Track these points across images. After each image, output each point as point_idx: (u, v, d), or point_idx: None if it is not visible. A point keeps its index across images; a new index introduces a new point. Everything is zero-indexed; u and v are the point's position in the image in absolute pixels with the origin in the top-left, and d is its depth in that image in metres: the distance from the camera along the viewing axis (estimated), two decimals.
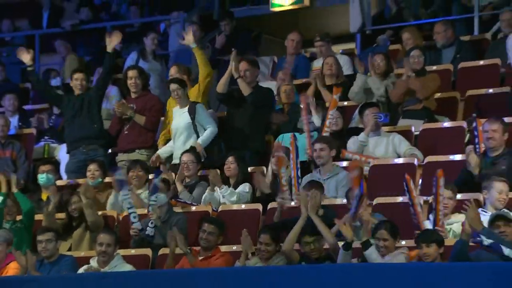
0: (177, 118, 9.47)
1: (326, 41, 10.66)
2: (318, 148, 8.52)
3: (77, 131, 9.72)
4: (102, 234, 8.01)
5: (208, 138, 9.30)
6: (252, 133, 9.30)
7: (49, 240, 8.07)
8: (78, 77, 9.85)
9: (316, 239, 7.37)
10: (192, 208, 8.72)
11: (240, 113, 9.39)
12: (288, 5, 12.46)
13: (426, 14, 11.40)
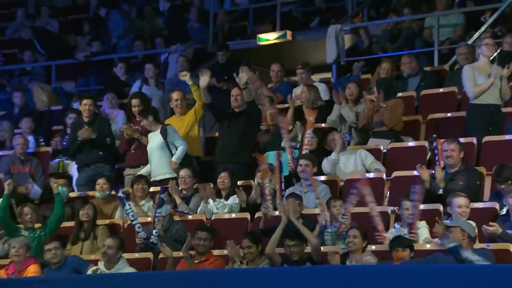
0: (151, 140, 9.52)
1: (306, 69, 10.70)
2: (304, 164, 8.53)
3: (86, 156, 9.75)
4: (108, 239, 7.99)
5: (181, 155, 9.32)
6: (240, 149, 9.30)
7: (57, 247, 8.02)
8: (87, 103, 9.88)
9: (296, 243, 7.38)
10: (189, 217, 8.73)
11: (231, 130, 9.39)
12: (273, 39, 12.49)
13: (393, 48, 11.46)
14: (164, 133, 9.37)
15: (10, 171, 10.12)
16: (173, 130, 9.45)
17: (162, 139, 9.36)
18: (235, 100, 9.41)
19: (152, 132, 9.51)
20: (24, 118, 11.00)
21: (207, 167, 9.56)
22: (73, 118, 10.65)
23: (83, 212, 8.71)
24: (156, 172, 9.37)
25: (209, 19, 13.25)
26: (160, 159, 9.36)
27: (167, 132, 9.37)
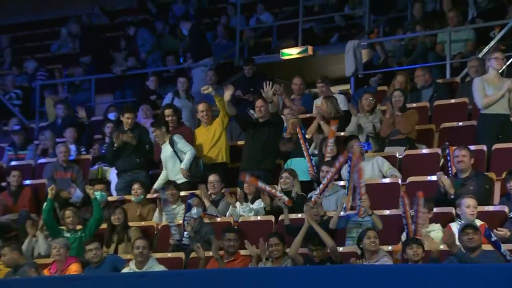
0: (164, 150, 9.57)
1: (326, 83, 10.66)
2: (325, 170, 8.48)
3: (125, 163, 9.76)
4: (139, 240, 7.97)
5: (189, 161, 9.35)
6: (264, 156, 9.25)
7: (97, 248, 8.03)
8: (129, 116, 9.92)
9: (319, 248, 7.39)
10: (218, 220, 8.72)
11: (255, 139, 9.36)
12: (295, 54, 12.45)
13: (407, 61, 11.40)
14: (171, 143, 9.42)
15: (53, 177, 10.17)
16: (179, 138, 9.48)
17: (171, 148, 9.41)
18: (259, 111, 9.38)
19: (165, 143, 9.55)
20: (68, 128, 11.05)
21: (234, 173, 9.54)
22: (111, 127, 10.71)
23: (114, 217, 8.72)
24: (174, 177, 9.42)
25: (236, 35, 13.25)
26: (174, 167, 9.43)
27: (174, 141, 9.41)
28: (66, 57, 15.37)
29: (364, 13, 12.73)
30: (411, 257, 6.91)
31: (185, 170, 9.30)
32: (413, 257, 6.89)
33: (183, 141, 9.46)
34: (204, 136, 9.71)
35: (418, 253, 6.87)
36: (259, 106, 9.37)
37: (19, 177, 10.03)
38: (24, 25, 17.61)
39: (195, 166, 9.38)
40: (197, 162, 9.44)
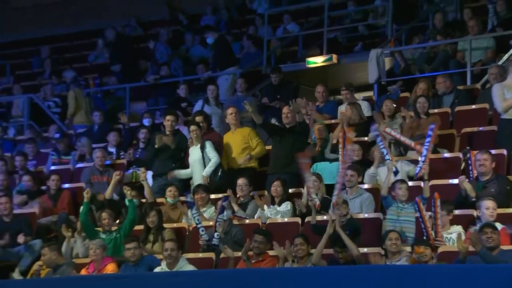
0: (192, 153, 9.60)
1: (349, 90, 10.64)
2: (350, 174, 8.47)
3: (161, 167, 9.81)
4: (168, 242, 7.99)
5: (211, 169, 9.41)
6: (291, 160, 9.17)
7: (135, 247, 8.06)
8: (170, 119, 9.97)
9: (344, 250, 7.40)
10: (246, 221, 8.72)
11: (282, 144, 9.35)
12: (320, 62, 12.43)
13: (429, 69, 11.31)
14: (202, 148, 9.46)
15: (90, 181, 10.26)
16: (210, 145, 9.51)
17: (201, 152, 9.40)
18: (286, 117, 9.38)
19: (194, 147, 9.58)
20: (112, 132, 11.13)
21: (261, 177, 9.52)
22: (145, 133, 10.77)
23: (149, 220, 8.74)
24: (197, 182, 9.48)
25: (263, 45, 13.27)
26: (200, 171, 9.48)
27: (205, 146, 9.45)
28: (101, 67, 15.51)
29: (387, 23, 12.68)
30: (419, 258, 6.89)
31: (206, 177, 9.34)
32: (421, 258, 6.86)
33: (212, 148, 9.51)
34: (232, 140, 9.73)
35: (426, 254, 6.83)
36: (286, 113, 9.38)
37: (58, 181, 10.12)
38: (63, 37, 17.83)
39: (213, 175, 9.42)
40: (216, 171, 9.47)
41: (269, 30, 13.94)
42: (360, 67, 12.13)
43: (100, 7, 17.87)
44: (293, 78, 12.58)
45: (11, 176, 10.83)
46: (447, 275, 6.04)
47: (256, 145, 9.67)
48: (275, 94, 11.48)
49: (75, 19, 18.06)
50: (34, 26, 18.18)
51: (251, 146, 9.66)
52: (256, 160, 9.75)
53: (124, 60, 14.36)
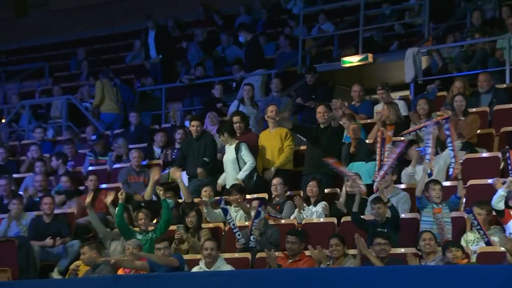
0: (227, 153, 9.60)
1: (385, 89, 10.55)
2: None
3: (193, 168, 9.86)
4: (207, 241, 8.01)
5: (246, 172, 9.40)
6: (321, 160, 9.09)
7: (166, 247, 8.09)
8: (194, 124, 10.04)
9: (387, 242, 7.29)
10: (282, 221, 8.71)
11: (317, 145, 9.31)
12: (356, 62, 12.34)
13: (467, 67, 11.18)
14: (237, 149, 9.46)
15: (127, 181, 10.36)
16: (245, 147, 9.52)
17: (235, 154, 9.42)
18: (321, 116, 9.34)
19: (228, 146, 9.59)
20: (159, 132, 11.21)
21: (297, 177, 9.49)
22: (181, 134, 10.84)
23: (188, 220, 8.78)
24: (229, 182, 9.48)
25: (298, 45, 13.25)
26: (233, 172, 9.48)
27: (239, 148, 9.45)
28: (139, 67, 15.64)
29: (423, 21, 12.55)
30: (450, 260, 6.82)
31: (240, 180, 9.37)
32: (452, 260, 6.79)
33: (248, 151, 9.52)
34: (268, 139, 9.71)
35: (457, 256, 6.77)
36: (321, 112, 9.33)
37: (95, 181, 10.20)
38: (100, 38, 18.04)
39: (248, 178, 9.42)
40: (251, 175, 9.47)
41: (304, 30, 13.91)
42: (396, 66, 12.03)
43: (137, 8, 18.04)
44: (328, 78, 12.53)
45: (49, 176, 10.99)
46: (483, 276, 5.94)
47: (284, 148, 9.58)
48: (310, 94, 11.46)
49: (112, 21, 18.28)
50: (72, 28, 18.45)
51: (283, 147, 9.61)
52: (291, 161, 9.73)
53: (164, 56, 14.43)
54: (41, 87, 16.07)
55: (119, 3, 18.41)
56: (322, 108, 9.35)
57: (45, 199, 9.72)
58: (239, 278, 7.10)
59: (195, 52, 14.25)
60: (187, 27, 16.78)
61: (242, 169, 9.44)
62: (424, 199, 7.82)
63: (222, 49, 14.58)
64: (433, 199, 7.77)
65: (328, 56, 13.49)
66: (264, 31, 15.06)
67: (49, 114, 14.19)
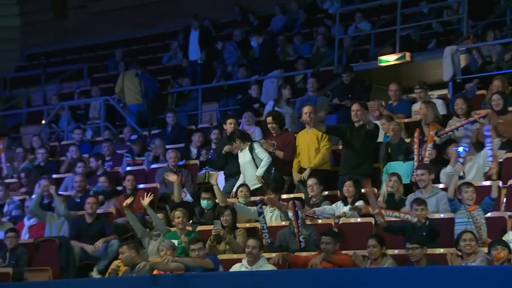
0: (242, 157, 9.64)
1: (423, 88, 10.46)
2: (420, 173, 8.38)
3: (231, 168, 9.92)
4: (251, 240, 8.02)
5: (264, 168, 9.41)
6: (361, 161, 9.14)
7: (200, 248, 8.08)
8: (231, 122, 10.08)
9: (415, 246, 7.22)
10: (319, 221, 8.70)
11: (352, 144, 9.25)
12: (393, 61, 12.24)
13: (507, 65, 11.01)
14: (251, 149, 9.48)
15: (164, 181, 10.41)
16: (258, 145, 9.55)
17: (250, 155, 9.44)
18: (355, 115, 9.27)
19: (243, 150, 9.63)
20: (196, 133, 11.30)
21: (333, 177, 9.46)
22: (217, 134, 10.89)
23: (223, 218, 8.80)
24: (250, 183, 9.51)
25: (335, 44, 13.21)
26: (252, 173, 9.50)
27: (253, 148, 9.48)
28: (175, 68, 15.76)
29: (462, 19, 12.41)
30: (495, 259, 6.73)
31: (260, 177, 9.37)
32: (498, 258, 6.71)
33: (261, 148, 9.57)
34: (305, 139, 9.69)
35: (503, 255, 6.69)
36: (355, 110, 9.27)
37: (133, 181, 10.29)
38: (137, 40, 18.23)
39: (267, 174, 9.43)
40: (270, 171, 9.49)
41: (341, 29, 13.87)
42: (434, 65, 11.91)
43: (173, 9, 18.19)
44: (365, 77, 12.47)
45: (88, 177, 11.13)
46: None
47: (320, 148, 9.56)
48: (347, 93, 11.42)
49: (148, 22, 18.45)
50: (109, 30, 18.68)
51: (319, 148, 9.59)
52: (328, 161, 9.69)
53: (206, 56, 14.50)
54: (80, 88, 16.29)
55: (156, 5, 18.58)
56: (356, 106, 9.29)
57: (89, 199, 9.83)
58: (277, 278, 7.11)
59: (233, 50, 14.30)
60: (223, 27, 16.85)
61: (259, 166, 9.42)
62: (457, 201, 7.72)
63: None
64: (465, 202, 7.66)
65: (364, 55, 13.43)
66: (300, 31, 15.05)
67: (88, 115, 14.39)
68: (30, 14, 19.55)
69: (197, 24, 14.73)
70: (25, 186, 11.75)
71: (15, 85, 18.15)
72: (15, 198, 11.27)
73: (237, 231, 8.79)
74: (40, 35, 19.30)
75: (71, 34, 19.21)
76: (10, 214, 10.94)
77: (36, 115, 15.84)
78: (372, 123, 9.25)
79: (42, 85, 17.35)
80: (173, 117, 12.30)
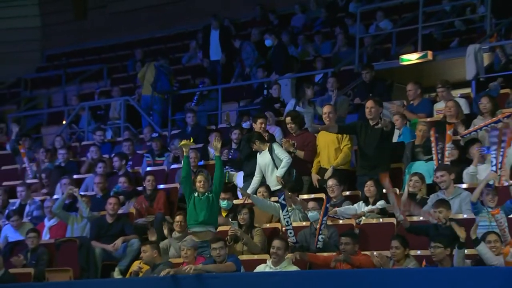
0: (262, 158, 9.62)
1: (446, 87, 10.39)
2: (439, 175, 8.33)
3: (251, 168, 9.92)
4: (276, 240, 7.97)
5: (284, 169, 9.40)
6: (378, 160, 9.02)
7: (221, 247, 8.03)
8: (262, 122, 10.10)
9: (438, 245, 7.19)
10: (340, 222, 8.66)
11: (368, 143, 9.15)
12: (415, 59, 12.18)
13: None
14: (270, 150, 9.49)
15: None
16: (278, 146, 9.55)
17: (270, 155, 9.45)
18: (369, 112, 9.13)
19: (262, 151, 9.63)
20: (213, 133, 11.28)
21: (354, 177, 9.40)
22: (237, 134, 10.89)
23: (240, 217, 8.77)
24: (271, 184, 9.49)
25: (355, 43, 13.17)
26: (272, 173, 9.49)
27: (272, 148, 9.47)
28: (195, 68, 15.78)
29: (485, 17, 12.30)
30: None
31: (280, 177, 9.37)
32: None
33: (281, 149, 9.57)
34: (326, 140, 9.66)
35: None
36: (369, 107, 9.14)
37: (153, 181, 10.33)
38: (156, 39, 18.30)
39: (287, 175, 9.42)
40: (290, 171, 9.47)
41: (361, 28, 13.81)
42: (457, 63, 11.83)
43: (192, 9, 18.23)
44: (387, 76, 12.42)
45: (109, 177, 11.19)
46: None
47: (342, 148, 9.50)
48: (367, 92, 11.37)
49: (168, 22, 18.51)
50: (129, 30, 18.76)
51: (340, 148, 9.53)
52: (349, 161, 9.66)
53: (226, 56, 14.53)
54: (100, 88, 16.37)
55: (175, 5, 18.63)
56: (370, 103, 9.15)
57: (110, 199, 9.86)
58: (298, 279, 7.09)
59: (250, 51, 14.32)
60: (243, 27, 16.86)
61: (279, 167, 9.41)
62: (479, 204, 7.68)
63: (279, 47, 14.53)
64: (487, 204, 7.62)
65: (386, 54, 13.37)
66: (321, 29, 15.01)
67: (108, 115, 14.47)
68: (50, 15, 19.70)
69: (217, 24, 14.74)
70: (46, 187, 11.84)
71: (35, 86, 18.30)
72: (36, 198, 11.36)
73: (254, 230, 8.75)
74: (60, 36, 19.44)
75: (91, 34, 19.33)
76: (31, 215, 11.03)
77: (56, 115, 15.96)
78: (390, 123, 9.14)
79: (62, 85, 17.48)
80: (193, 117, 12.33)
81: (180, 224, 9.07)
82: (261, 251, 8.56)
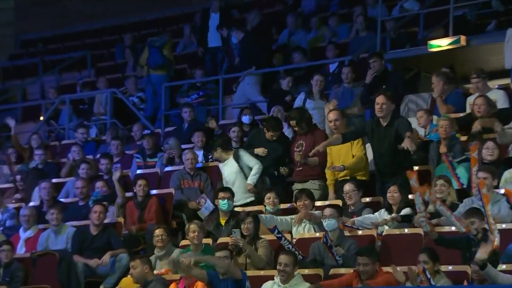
0: (226, 168, 9.76)
1: (482, 77, 10.39)
2: (482, 176, 8.30)
3: None
4: (282, 255, 8.00)
5: (256, 175, 9.53)
6: (396, 166, 8.98)
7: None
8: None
9: None
10: (359, 232, 8.69)
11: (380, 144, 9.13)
12: (446, 45, 12.17)
13: None
14: (236, 157, 9.56)
15: (180, 187, 10.44)
16: (244, 153, 9.60)
17: (236, 164, 9.48)
18: (380, 109, 9.06)
19: (226, 161, 9.72)
20: (196, 133, 11.32)
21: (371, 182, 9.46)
22: (237, 131, 10.88)
23: (244, 227, 8.77)
24: (237, 197, 9.51)
25: (377, 27, 13.16)
26: (241, 184, 9.58)
27: (239, 156, 9.55)
28: (190, 56, 15.76)
29: None
30: None
31: (252, 185, 9.39)
32: None
33: (248, 155, 9.65)
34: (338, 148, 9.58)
35: None
36: (380, 103, 9.07)
37: (145, 186, 10.25)
38: (147, 23, 18.30)
39: (261, 182, 9.48)
40: (263, 179, 9.55)
41: (384, 9, 13.81)
42: (494, 49, 11.84)
43: None
44: (413, 64, 12.43)
45: (93, 181, 11.12)
46: None
47: (354, 153, 9.49)
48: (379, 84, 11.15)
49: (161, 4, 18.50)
50: (117, 12, 18.75)
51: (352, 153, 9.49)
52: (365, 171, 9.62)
53: None
54: (83, 79, 16.40)
55: None
56: (381, 99, 9.05)
57: (96, 207, 9.79)
58: None
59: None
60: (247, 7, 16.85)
61: (249, 175, 9.48)
62: None
63: (289, 33, 14.55)
64: None
65: (412, 39, 13.36)
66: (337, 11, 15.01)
67: (92, 110, 14.49)
68: None
69: (217, 6, 14.73)
70: (20, 192, 11.85)
71: (8, 76, 18.29)
72: (10, 206, 11.37)
73: (259, 241, 8.73)
74: (37, 18, 19.46)
75: (72, 17, 19.34)
76: (4, 225, 11.04)
77: (32, 110, 15.96)
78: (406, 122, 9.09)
79: (39, 75, 17.47)
80: (190, 112, 12.31)
81: (161, 238, 9.01)
82: (267, 265, 8.57)
